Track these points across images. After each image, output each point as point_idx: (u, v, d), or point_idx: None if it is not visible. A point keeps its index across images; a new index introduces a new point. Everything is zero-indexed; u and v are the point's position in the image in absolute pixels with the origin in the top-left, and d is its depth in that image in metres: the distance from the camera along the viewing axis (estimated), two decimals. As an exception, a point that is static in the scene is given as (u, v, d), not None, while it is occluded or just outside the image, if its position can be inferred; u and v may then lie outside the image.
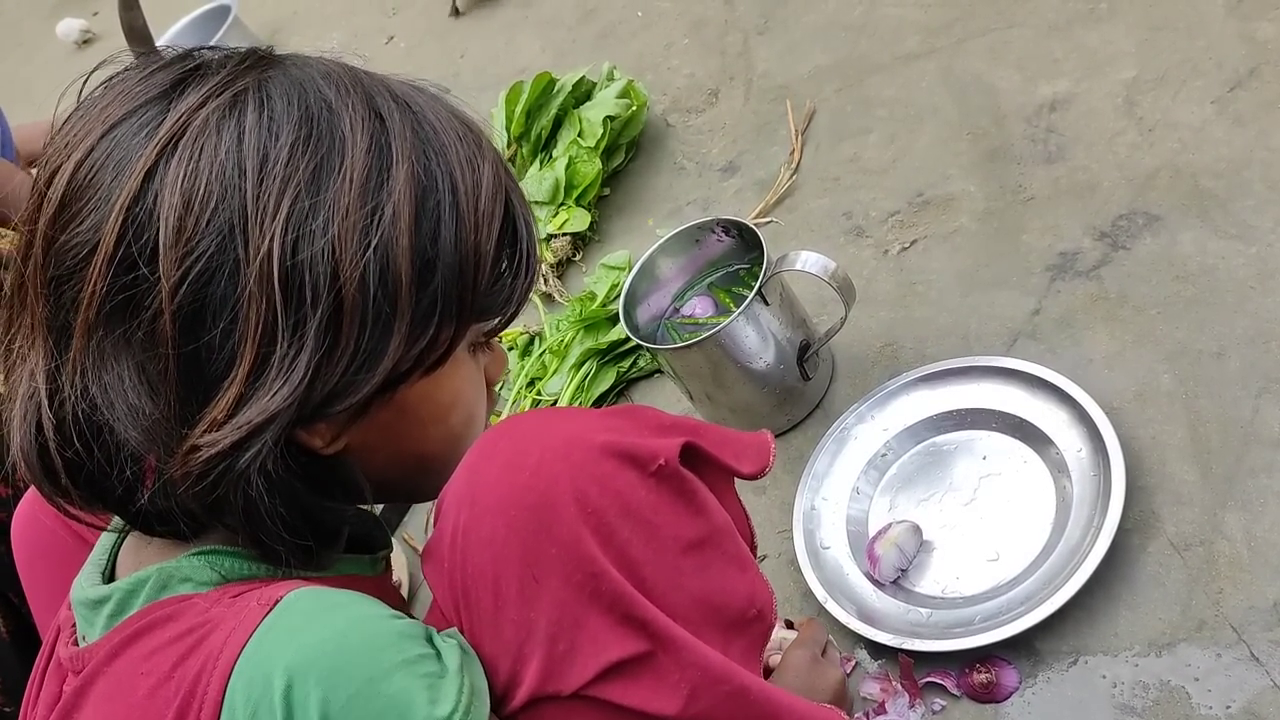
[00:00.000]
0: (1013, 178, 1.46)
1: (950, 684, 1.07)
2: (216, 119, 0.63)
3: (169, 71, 0.66)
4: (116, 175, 0.62)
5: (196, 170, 0.61)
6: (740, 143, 1.78)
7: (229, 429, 0.61)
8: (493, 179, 0.69)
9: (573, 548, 0.65)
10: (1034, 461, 1.17)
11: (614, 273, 1.65)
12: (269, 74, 0.66)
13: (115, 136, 0.63)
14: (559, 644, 0.65)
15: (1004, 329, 1.31)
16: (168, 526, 0.68)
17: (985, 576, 1.12)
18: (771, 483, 1.33)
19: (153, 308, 0.61)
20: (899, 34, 1.76)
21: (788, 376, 1.32)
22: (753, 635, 0.74)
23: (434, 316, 0.66)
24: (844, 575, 1.19)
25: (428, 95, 0.71)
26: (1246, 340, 1.16)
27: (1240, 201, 1.27)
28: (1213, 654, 0.99)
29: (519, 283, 0.72)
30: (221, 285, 0.61)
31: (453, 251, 0.66)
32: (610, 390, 1.54)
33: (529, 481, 0.66)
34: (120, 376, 0.63)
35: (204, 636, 0.62)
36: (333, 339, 0.62)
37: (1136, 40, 1.50)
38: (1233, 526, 1.05)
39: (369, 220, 0.63)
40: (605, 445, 0.68)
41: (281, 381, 0.61)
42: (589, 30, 2.20)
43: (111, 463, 0.65)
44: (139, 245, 0.61)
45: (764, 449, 0.80)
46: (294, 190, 0.62)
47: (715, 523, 0.73)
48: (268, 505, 0.64)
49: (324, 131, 0.64)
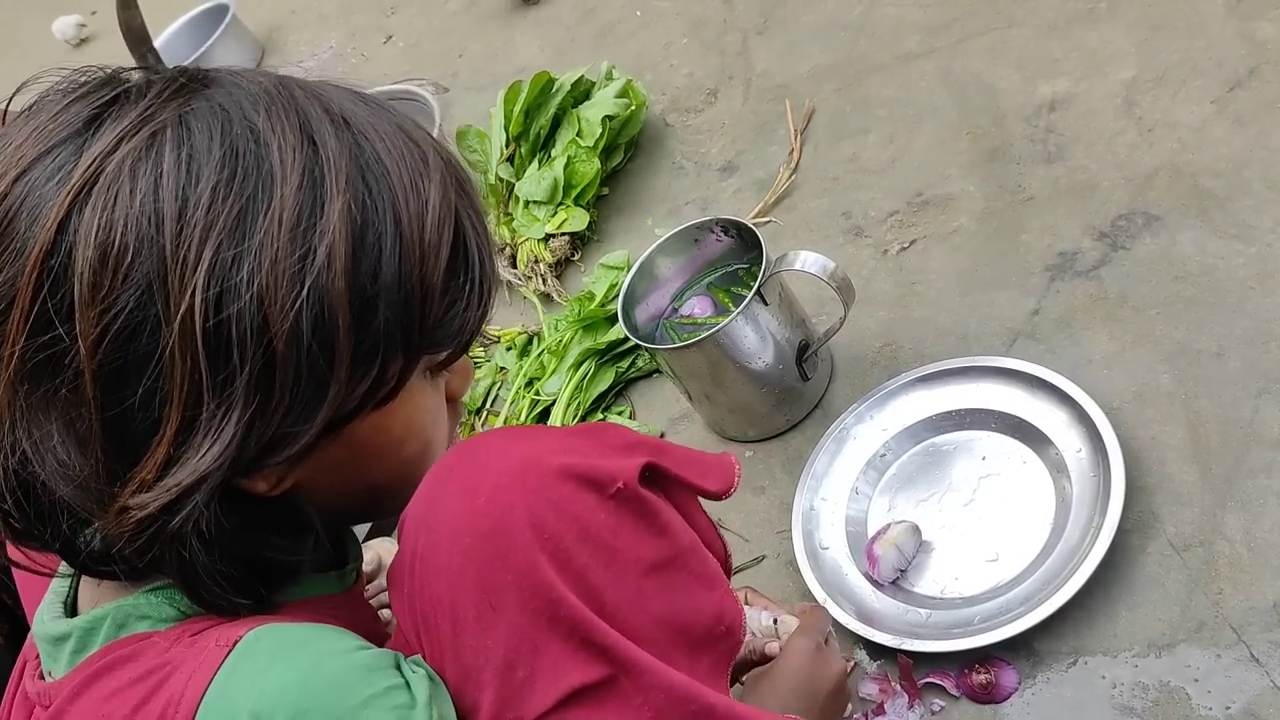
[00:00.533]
0: (1012, 178, 1.46)
1: (949, 684, 1.07)
2: (131, 162, 0.58)
3: (85, 104, 0.61)
4: (29, 225, 0.58)
5: (110, 221, 0.57)
6: (739, 142, 1.78)
7: (158, 491, 0.59)
8: (440, 202, 0.64)
9: (529, 574, 0.63)
10: (1033, 462, 1.17)
11: (613, 272, 1.65)
12: (192, 104, 0.61)
13: (29, 181, 0.59)
14: (518, 670, 0.64)
15: (1003, 329, 1.31)
16: (110, 570, 0.66)
17: (984, 577, 1.12)
18: (770, 483, 1.33)
19: (73, 367, 0.58)
20: (898, 34, 1.75)
21: (787, 376, 1.32)
22: (720, 652, 0.73)
23: (377, 356, 0.63)
24: (843, 576, 1.19)
25: (372, 108, 0.66)
26: (1246, 340, 1.16)
27: (1240, 201, 1.27)
28: (1212, 655, 0.99)
29: (471, 312, 0.68)
30: (143, 343, 0.58)
31: (396, 287, 0.62)
32: (609, 390, 1.54)
33: (484, 507, 0.64)
34: (49, 433, 0.60)
35: (165, 678, 0.61)
36: (264, 395, 0.59)
37: (1136, 40, 1.50)
38: (1232, 527, 1.05)
39: (299, 266, 0.59)
40: (562, 468, 0.66)
41: (211, 441, 0.58)
42: (588, 29, 2.20)
43: (46, 516, 0.64)
44: (55, 302, 0.58)
45: (728, 469, 0.78)
46: (216, 239, 0.58)
47: (680, 542, 0.71)
48: (204, 564, 0.62)
49: (250, 168, 0.59)
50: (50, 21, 3.45)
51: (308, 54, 2.70)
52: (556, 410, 1.52)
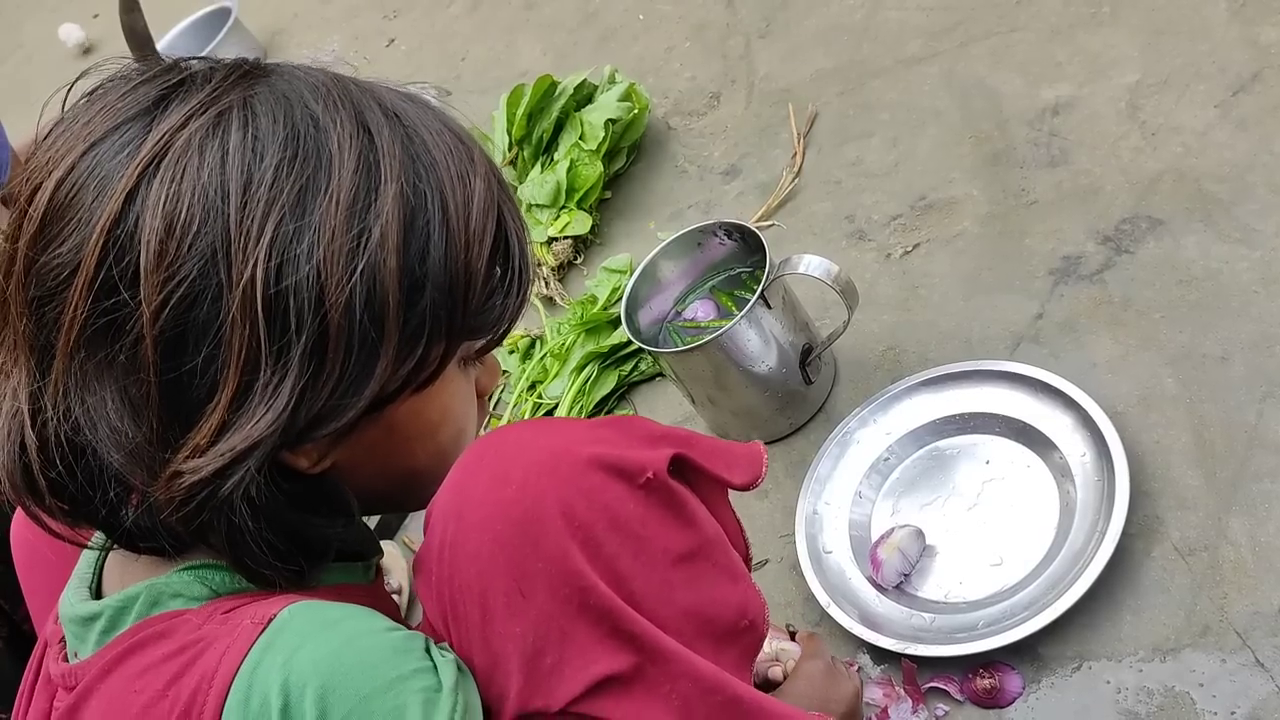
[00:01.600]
0: (1015, 181, 1.46)
1: (953, 689, 1.07)
2: (199, 138, 0.61)
3: (153, 85, 0.64)
4: (98, 196, 0.61)
5: (178, 193, 0.60)
6: (742, 146, 1.78)
7: (212, 456, 0.60)
8: (484, 194, 0.67)
9: (559, 562, 0.64)
10: (1037, 466, 1.17)
11: (615, 276, 1.65)
12: (255, 89, 0.64)
13: (97, 154, 0.62)
14: (546, 658, 0.64)
15: (1007, 333, 1.31)
16: (153, 544, 0.67)
17: (988, 581, 1.12)
18: (774, 487, 1.32)
19: (134, 332, 0.60)
20: (901, 38, 1.75)
21: (790, 380, 1.32)
22: (744, 645, 0.73)
23: (422, 337, 0.65)
24: (846, 580, 1.18)
25: (419, 106, 0.69)
26: (1250, 345, 1.16)
27: (1244, 205, 1.27)
28: (1217, 659, 0.98)
29: (510, 300, 0.71)
30: (204, 311, 0.60)
31: (442, 271, 0.65)
32: (611, 394, 1.53)
33: (515, 495, 0.65)
34: (103, 399, 0.62)
35: (198, 654, 0.62)
36: (318, 365, 0.61)
37: (1139, 44, 1.50)
38: (1237, 531, 1.04)
39: (355, 243, 0.61)
40: (592, 458, 0.67)
41: (265, 408, 0.60)
42: (590, 33, 2.20)
43: (95, 484, 0.64)
44: (120, 269, 0.60)
45: (756, 460, 0.79)
46: (278, 213, 0.60)
47: (706, 534, 0.72)
48: (252, 531, 0.63)
49: (310, 150, 0.62)
50: (54, 25, 3.45)
51: (309, 57, 2.68)
52: (559, 414, 1.52)
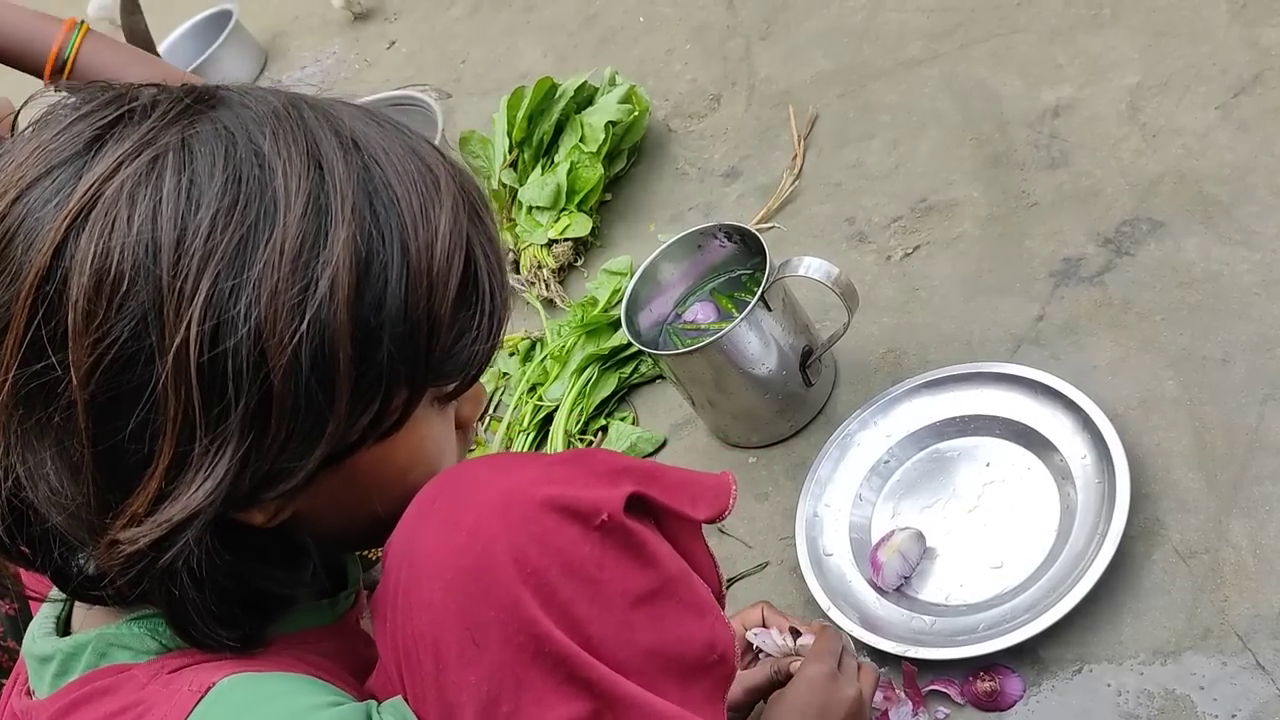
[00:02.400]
0: (1016, 183, 1.46)
1: (954, 692, 1.06)
2: (130, 186, 0.57)
3: (88, 123, 0.60)
4: (26, 249, 0.57)
5: (108, 248, 0.56)
6: (742, 148, 1.78)
7: (149, 525, 0.57)
8: (450, 231, 0.63)
9: (512, 610, 0.61)
10: (1038, 468, 1.17)
11: (616, 278, 1.65)
12: (196, 126, 0.59)
13: (27, 202, 0.58)
14: (501, 706, 0.61)
15: (1007, 335, 1.31)
16: (101, 595, 0.65)
17: (989, 584, 1.12)
18: (774, 489, 1.32)
19: (65, 396, 0.57)
20: (901, 39, 1.75)
21: (790, 382, 1.32)
22: (715, 678, 0.70)
23: (379, 389, 0.61)
24: (847, 582, 1.18)
25: (385, 129, 0.65)
26: (1251, 347, 1.15)
27: (1245, 207, 1.27)
28: (1218, 662, 0.98)
29: (480, 344, 0.66)
30: (137, 374, 0.56)
31: (401, 320, 0.60)
32: (612, 396, 1.53)
33: (465, 542, 0.62)
34: (43, 459, 0.59)
35: (138, 718, 0.60)
36: (259, 430, 0.58)
37: (1140, 46, 1.50)
38: (1238, 534, 1.04)
39: (300, 298, 0.57)
40: (545, 500, 0.63)
41: (204, 477, 0.57)
42: (591, 35, 2.20)
43: (39, 542, 0.63)
44: (49, 329, 0.56)
45: (723, 491, 0.74)
46: (214, 269, 0.56)
47: (668, 572, 0.68)
48: (194, 600, 0.61)
49: (253, 194, 0.58)
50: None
51: (310, 60, 2.70)
52: (559, 416, 1.52)
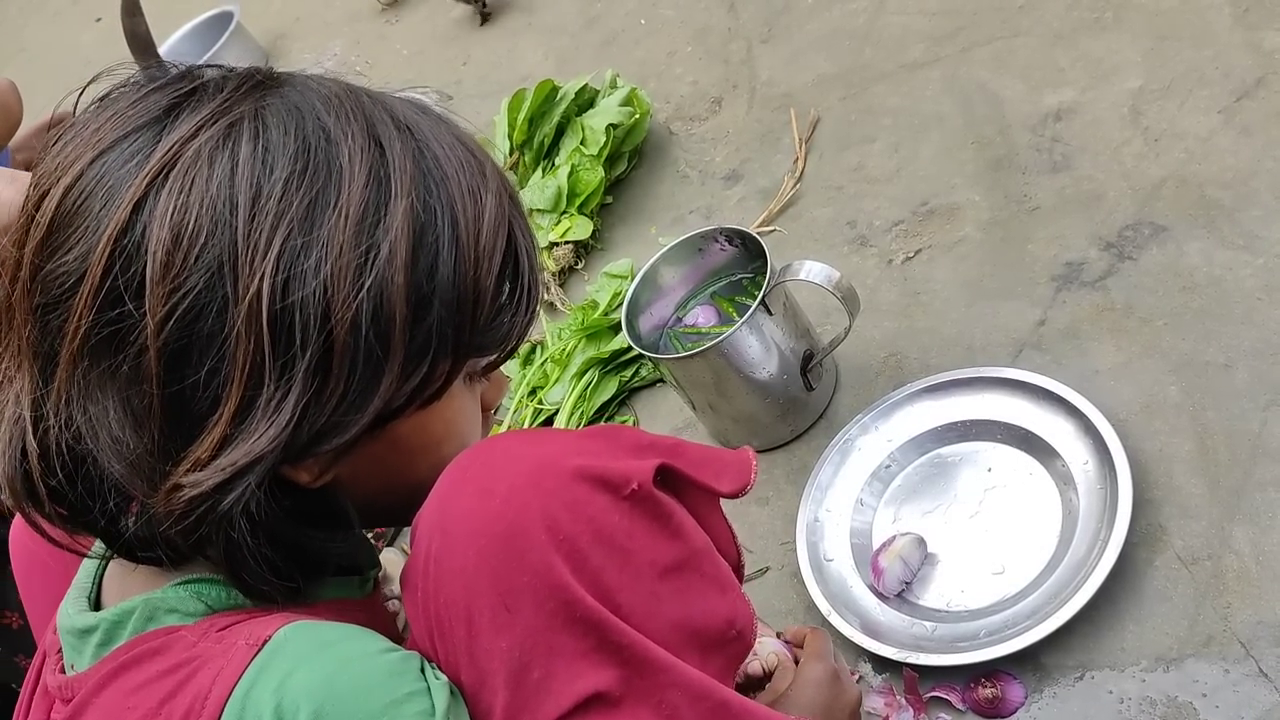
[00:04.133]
0: (1018, 187, 1.45)
1: (955, 699, 1.06)
2: (209, 149, 0.61)
3: (163, 94, 0.64)
4: (105, 204, 0.60)
5: (186, 204, 0.59)
6: (743, 151, 1.77)
7: (212, 470, 0.60)
8: (495, 211, 0.67)
9: (544, 575, 0.63)
10: (1039, 474, 1.17)
11: (616, 281, 1.64)
12: (267, 100, 0.64)
13: (105, 163, 0.62)
14: (533, 672, 0.64)
15: (1009, 340, 1.31)
16: (151, 555, 0.67)
17: (990, 590, 1.11)
18: (774, 494, 1.32)
19: (138, 344, 0.60)
20: (903, 42, 1.75)
21: (791, 387, 1.31)
22: (730, 654, 0.73)
23: (428, 353, 0.65)
24: (848, 588, 1.18)
25: (432, 119, 0.69)
26: (1254, 352, 1.15)
27: (1247, 212, 1.26)
28: (1220, 670, 0.98)
29: (519, 318, 0.70)
30: (209, 324, 0.59)
31: (450, 288, 0.64)
32: (612, 399, 1.53)
33: (499, 509, 0.64)
34: (105, 409, 0.61)
35: (192, 673, 0.61)
36: (321, 381, 0.61)
37: (1142, 50, 1.50)
38: (1241, 540, 1.04)
39: (364, 259, 0.61)
40: (577, 470, 0.66)
41: (268, 424, 0.60)
42: (592, 37, 2.20)
43: (95, 493, 0.64)
44: (125, 279, 0.59)
45: (745, 466, 0.77)
46: (286, 227, 0.60)
47: (693, 545, 0.71)
48: (250, 546, 0.63)
49: (321, 164, 0.62)
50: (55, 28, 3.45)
51: (312, 61, 2.70)
52: (559, 419, 1.51)
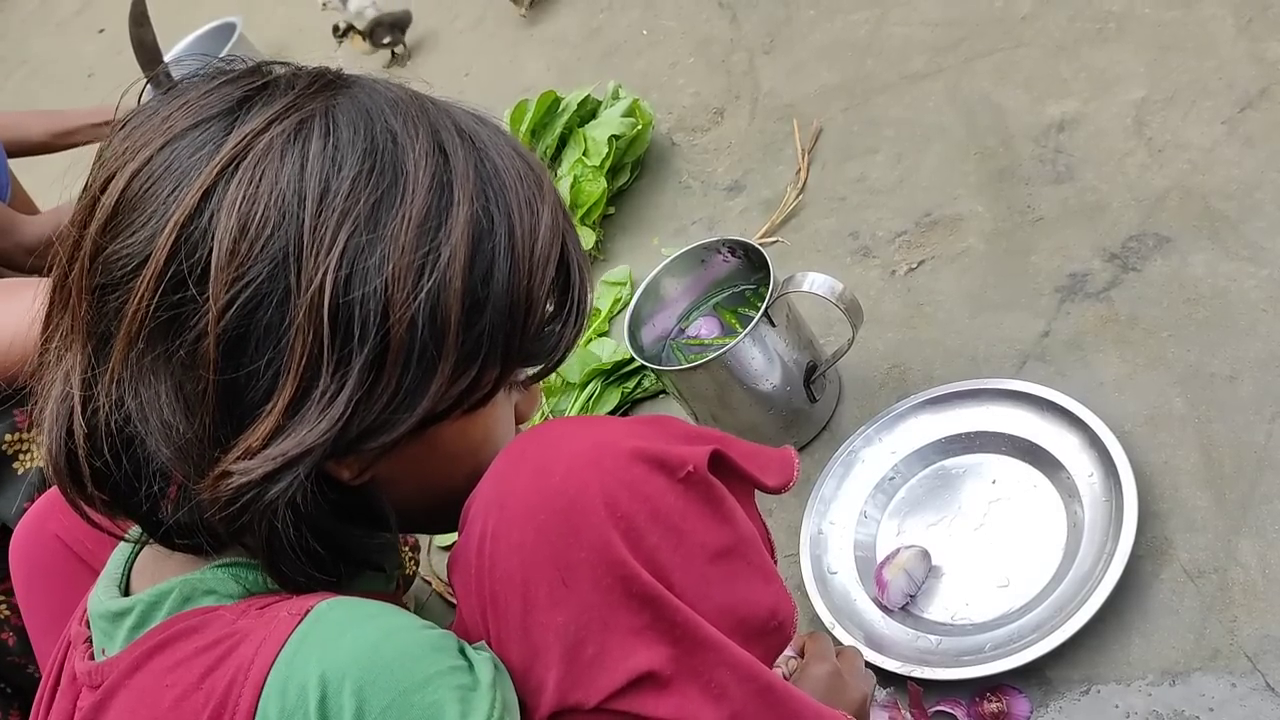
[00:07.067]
0: (1021, 198, 1.45)
1: (960, 713, 1.05)
2: (281, 143, 0.62)
3: (236, 86, 0.65)
4: (174, 190, 0.61)
5: (255, 195, 0.61)
6: (746, 162, 1.77)
7: (262, 459, 0.61)
8: (551, 223, 0.68)
9: (603, 551, 0.64)
10: (1044, 486, 1.16)
11: (614, 288, 1.65)
12: (337, 99, 0.65)
13: (175, 149, 0.63)
14: (587, 648, 0.64)
15: (1013, 351, 1.30)
16: (190, 541, 0.68)
17: (995, 603, 1.11)
18: (778, 506, 1.31)
19: (197, 329, 0.61)
20: (906, 53, 1.75)
21: (794, 398, 1.31)
22: (769, 645, 0.74)
23: (478, 358, 0.66)
24: (852, 601, 1.17)
25: (491, 129, 0.70)
26: (1259, 364, 1.15)
27: (1251, 223, 1.26)
28: (1227, 683, 0.97)
29: (568, 330, 0.71)
30: (269, 314, 0.60)
31: (504, 295, 0.65)
32: (615, 410, 1.53)
33: (559, 486, 0.65)
34: (157, 393, 0.62)
35: (233, 647, 0.62)
36: (375, 377, 0.62)
37: (1145, 60, 1.50)
38: (1247, 553, 1.03)
39: (424, 261, 0.62)
40: (634, 450, 0.67)
41: (320, 416, 0.61)
42: (594, 48, 2.20)
43: (139, 476, 0.65)
44: (190, 264, 0.60)
45: (788, 463, 0.80)
46: (352, 224, 0.61)
47: (741, 532, 0.73)
48: (292, 537, 0.64)
49: (387, 165, 0.63)
50: (56, 38, 3.46)
51: (314, 72, 2.70)
52: (562, 431, 1.51)
